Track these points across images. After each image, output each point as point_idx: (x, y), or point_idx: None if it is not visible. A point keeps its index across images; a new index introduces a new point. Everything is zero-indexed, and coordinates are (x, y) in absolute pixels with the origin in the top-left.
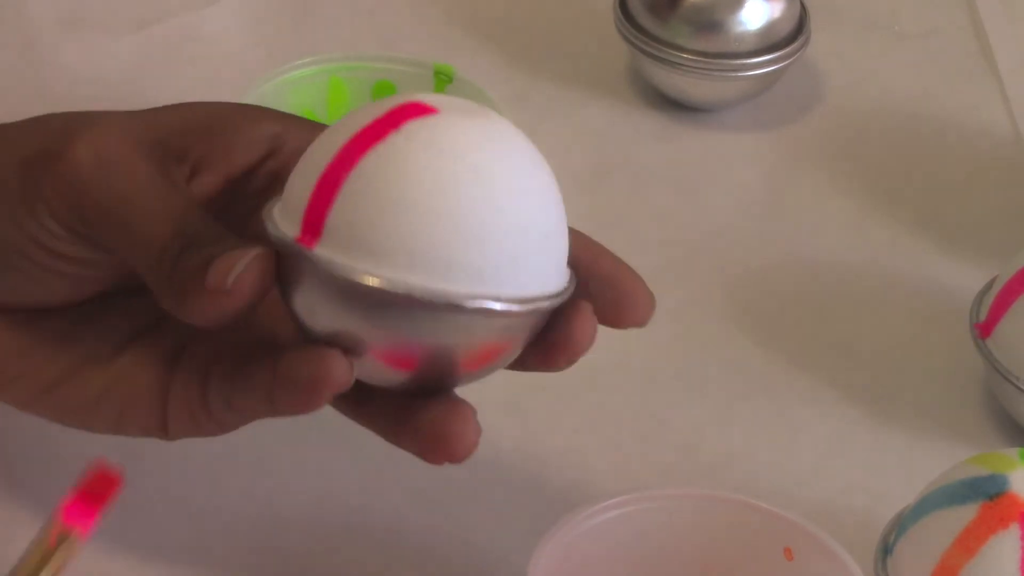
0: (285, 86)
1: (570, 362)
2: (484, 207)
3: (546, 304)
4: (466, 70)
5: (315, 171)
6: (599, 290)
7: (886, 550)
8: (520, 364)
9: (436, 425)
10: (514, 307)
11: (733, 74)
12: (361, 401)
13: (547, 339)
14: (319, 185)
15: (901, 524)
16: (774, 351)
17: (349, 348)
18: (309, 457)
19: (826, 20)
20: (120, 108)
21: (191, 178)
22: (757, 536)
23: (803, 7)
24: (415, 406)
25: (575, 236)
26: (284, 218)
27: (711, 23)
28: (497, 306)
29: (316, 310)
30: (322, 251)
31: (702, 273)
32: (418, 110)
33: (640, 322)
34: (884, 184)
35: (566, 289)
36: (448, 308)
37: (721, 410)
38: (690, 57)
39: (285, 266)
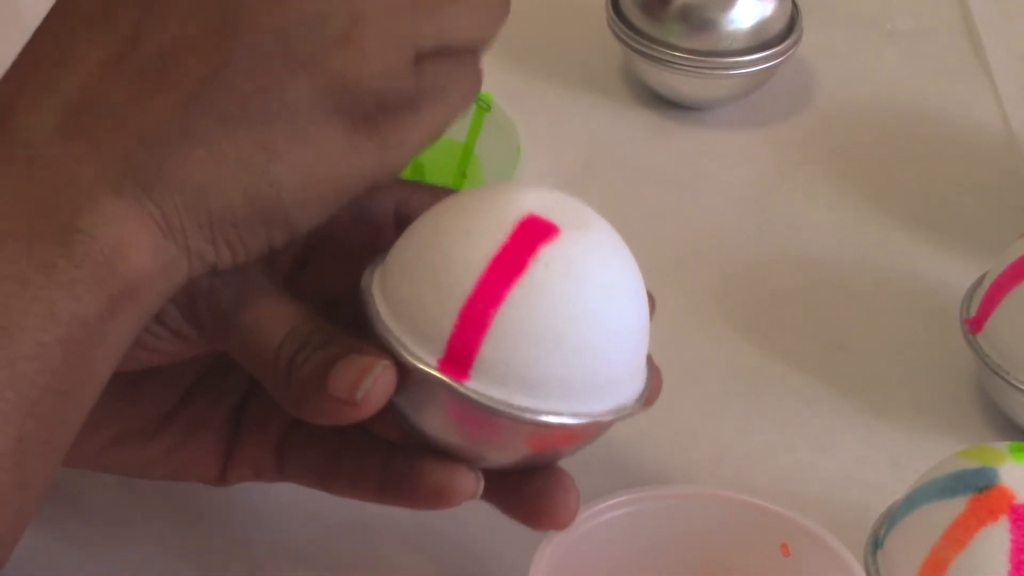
0: None
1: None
2: (615, 328)
3: (637, 405)
4: None
5: (452, 298)
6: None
7: (876, 544)
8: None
9: (541, 497)
10: (636, 407)
11: (725, 72)
12: None
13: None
14: (464, 318)
15: (891, 518)
16: (766, 348)
17: (473, 459)
18: None
19: (818, 18)
20: None
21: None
22: (754, 533)
23: (795, 5)
24: (519, 477)
25: None
26: (410, 337)
27: (703, 21)
28: (628, 411)
29: (448, 430)
30: (476, 385)
31: (695, 270)
32: (543, 231)
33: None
34: (876, 181)
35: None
36: (594, 427)
37: (714, 407)
38: (682, 55)
39: (412, 383)
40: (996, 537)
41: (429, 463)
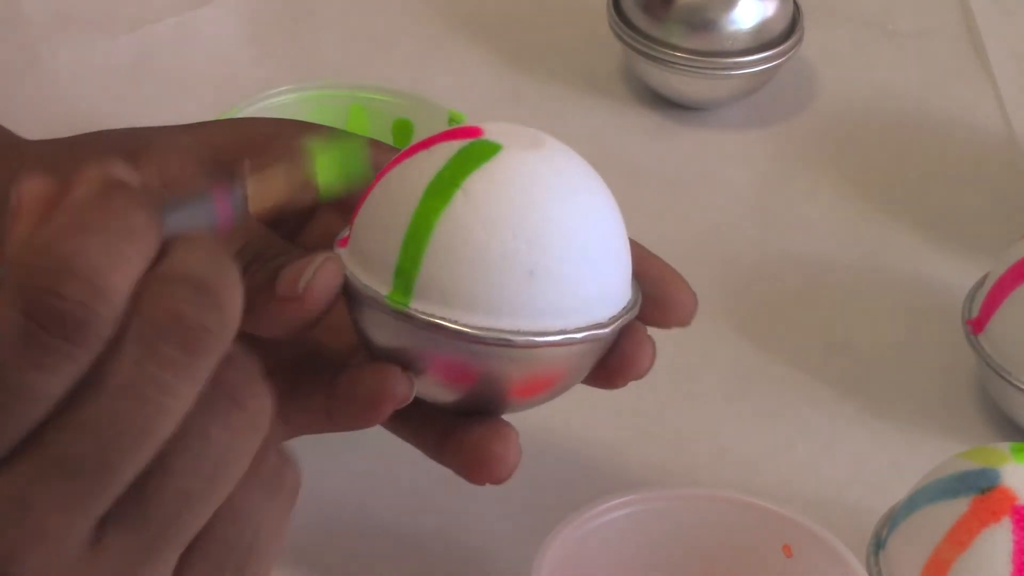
0: (305, 103)
1: (629, 381)
2: (554, 249)
3: (601, 332)
4: (461, 69)
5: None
6: (645, 292)
7: (879, 544)
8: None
9: (479, 446)
10: (584, 335)
11: (726, 73)
12: (407, 416)
13: (606, 362)
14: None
15: (893, 519)
16: (767, 348)
17: (409, 366)
18: (307, 456)
19: (819, 19)
20: (115, 107)
21: None
22: (756, 534)
23: (796, 6)
24: (460, 425)
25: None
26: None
27: (704, 22)
28: (573, 338)
29: (382, 334)
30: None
31: (696, 271)
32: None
33: (684, 321)
34: (877, 182)
35: (623, 311)
36: (530, 348)
37: (715, 407)
38: (684, 56)
39: (366, 309)
40: (998, 538)
41: (361, 370)
